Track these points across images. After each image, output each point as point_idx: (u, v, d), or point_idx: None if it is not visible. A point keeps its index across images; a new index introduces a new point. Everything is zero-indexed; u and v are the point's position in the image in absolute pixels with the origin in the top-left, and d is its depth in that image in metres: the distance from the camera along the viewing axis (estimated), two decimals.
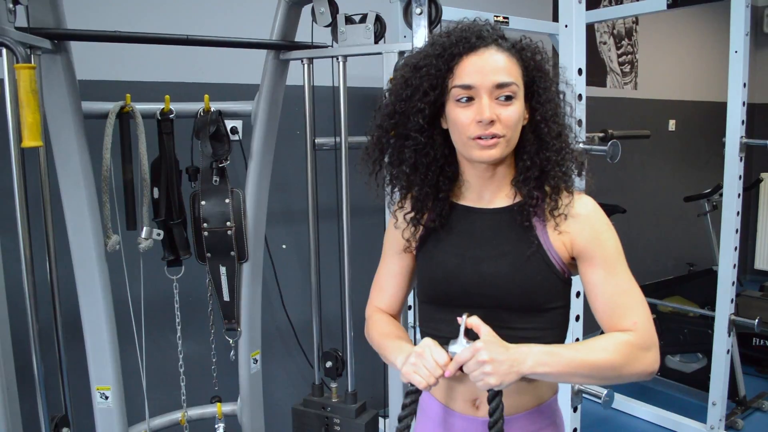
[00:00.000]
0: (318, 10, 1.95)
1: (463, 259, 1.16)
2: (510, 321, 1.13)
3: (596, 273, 1.11)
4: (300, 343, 2.69)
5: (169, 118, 1.94)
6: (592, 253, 1.11)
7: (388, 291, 1.32)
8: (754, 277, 5.19)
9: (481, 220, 1.18)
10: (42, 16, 1.59)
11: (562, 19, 1.96)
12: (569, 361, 1.05)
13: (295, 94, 2.10)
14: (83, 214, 1.76)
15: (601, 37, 4.17)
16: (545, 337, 1.15)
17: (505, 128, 1.08)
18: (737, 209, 2.69)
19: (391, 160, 1.20)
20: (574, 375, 1.07)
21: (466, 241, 1.18)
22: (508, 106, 1.08)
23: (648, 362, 1.08)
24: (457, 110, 1.10)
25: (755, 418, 3.17)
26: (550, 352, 1.05)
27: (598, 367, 1.05)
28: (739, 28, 2.60)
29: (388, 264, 1.31)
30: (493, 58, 1.08)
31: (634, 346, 1.07)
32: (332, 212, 2.13)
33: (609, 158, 1.85)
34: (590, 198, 1.16)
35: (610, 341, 1.07)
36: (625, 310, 1.10)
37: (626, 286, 1.11)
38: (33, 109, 1.28)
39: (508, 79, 1.07)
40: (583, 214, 1.12)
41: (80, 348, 1.85)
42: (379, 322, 1.30)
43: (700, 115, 4.92)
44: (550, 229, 1.13)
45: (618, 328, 1.10)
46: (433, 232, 1.21)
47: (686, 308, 3.48)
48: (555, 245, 1.12)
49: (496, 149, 1.08)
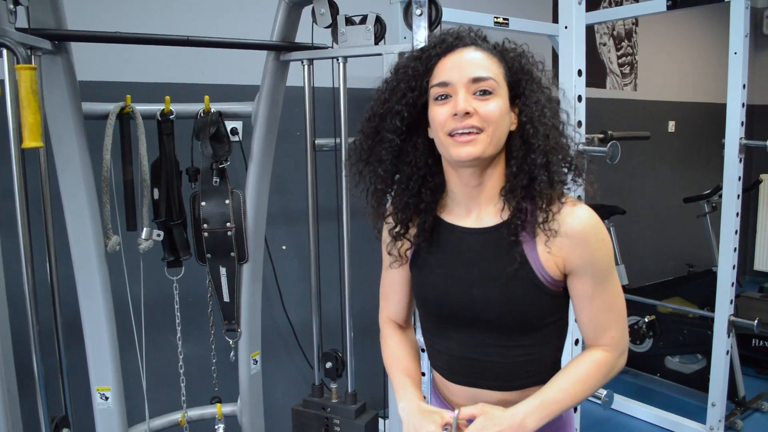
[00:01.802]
0: (318, 11, 1.95)
1: (452, 281, 1.15)
2: (504, 340, 1.13)
3: (585, 288, 1.11)
4: (300, 344, 2.69)
5: (170, 119, 1.94)
6: (585, 270, 1.10)
7: (393, 300, 1.33)
8: (754, 278, 5.19)
9: (468, 240, 1.15)
10: (42, 16, 1.59)
11: (562, 20, 1.96)
12: (561, 406, 1.10)
13: (295, 95, 2.10)
14: (83, 215, 1.76)
15: (601, 38, 4.17)
16: (542, 351, 1.16)
17: (483, 121, 1.05)
18: (737, 210, 2.69)
19: (369, 161, 1.18)
20: (563, 410, 1.12)
21: (454, 263, 1.16)
22: (486, 100, 1.05)
23: (618, 369, 1.16)
24: (435, 108, 1.09)
25: (755, 418, 3.17)
26: (543, 405, 1.08)
27: (585, 396, 1.13)
28: (738, 30, 2.61)
29: (390, 273, 1.31)
30: (470, 55, 1.08)
31: (609, 364, 1.14)
32: (332, 213, 2.13)
33: (608, 159, 1.86)
34: (585, 208, 1.10)
35: (591, 368, 1.13)
36: (606, 325, 1.14)
37: (611, 301, 1.13)
38: (33, 109, 1.28)
39: (485, 73, 1.06)
40: (577, 231, 1.07)
41: (80, 348, 1.85)
42: (390, 341, 1.32)
43: (699, 117, 4.92)
44: (540, 246, 1.08)
45: (597, 342, 1.15)
46: (421, 248, 1.20)
47: (686, 309, 3.48)
48: (545, 264, 1.09)
49: (473, 146, 1.04)
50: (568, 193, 1.12)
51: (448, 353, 1.19)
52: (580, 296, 1.12)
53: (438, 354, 1.22)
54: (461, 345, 1.16)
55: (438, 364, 1.24)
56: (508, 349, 1.13)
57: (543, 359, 1.16)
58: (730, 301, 2.74)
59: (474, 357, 1.15)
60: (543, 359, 1.16)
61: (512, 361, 1.13)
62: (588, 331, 1.16)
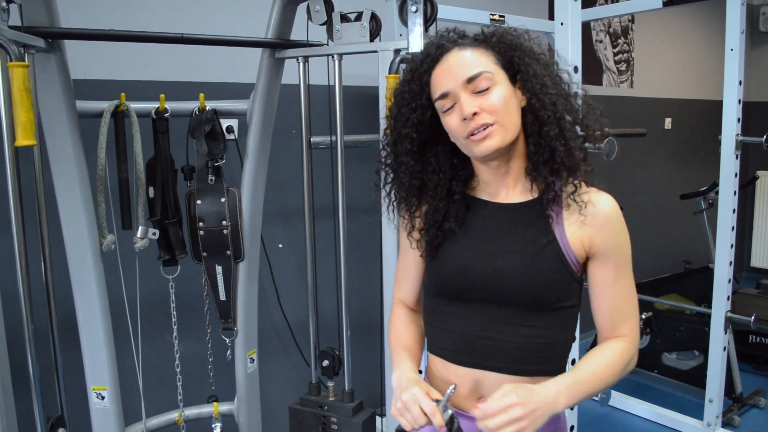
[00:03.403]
0: (313, 9, 1.95)
1: (477, 252, 1.16)
2: (521, 318, 1.13)
3: (607, 274, 1.14)
4: (297, 342, 2.69)
5: (165, 117, 1.93)
6: (608, 254, 1.13)
7: (407, 283, 1.34)
8: (751, 275, 5.21)
9: (497, 214, 1.18)
10: (36, 14, 1.58)
11: (558, 17, 1.96)
12: (589, 390, 1.10)
13: (291, 93, 2.10)
14: (78, 214, 1.75)
15: (597, 35, 4.17)
16: (556, 336, 1.16)
17: (491, 114, 1.07)
18: (733, 207, 2.70)
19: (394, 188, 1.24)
20: (588, 396, 1.12)
21: (481, 236, 1.18)
22: (487, 94, 1.08)
23: (633, 364, 1.17)
24: (446, 119, 1.13)
25: (752, 414, 3.18)
26: (575, 384, 1.08)
27: (608, 384, 1.13)
28: (734, 26, 2.61)
29: (406, 256, 1.32)
30: (456, 58, 1.11)
31: (630, 354, 1.16)
32: (328, 211, 2.13)
33: (605, 156, 1.86)
34: (611, 197, 1.14)
35: (615, 356, 1.14)
36: (624, 315, 1.16)
37: (629, 291, 1.17)
38: (26, 107, 1.28)
39: (477, 69, 1.08)
40: (606, 212, 1.12)
41: (76, 348, 1.85)
42: (396, 320, 1.33)
43: (696, 113, 4.92)
44: (568, 223, 1.12)
45: (615, 333, 1.17)
46: (449, 233, 1.21)
47: (683, 306, 3.49)
48: (572, 242, 1.12)
49: (491, 139, 1.08)
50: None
51: (458, 331, 1.18)
52: (602, 283, 1.15)
53: (445, 334, 1.20)
54: (474, 322, 1.16)
55: (443, 345, 1.22)
56: (522, 328, 1.13)
57: (555, 345, 1.16)
58: (726, 298, 2.75)
59: (486, 335, 1.15)
60: (555, 345, 1.16)
61: (525, 342, 1.13)
62: (606, 321, 1.17)
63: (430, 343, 1.26)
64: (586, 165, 1.12)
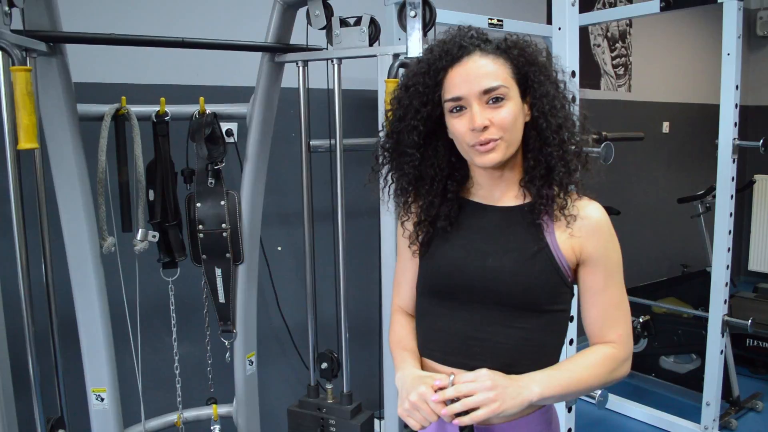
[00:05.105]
0: (313, 13, 1.96)
1: (469, 252, 1.17)
2: (510, 319, 1.14)
3: (596, 281, 1.15)
4: (295, 345, 2.69)
5: (165, 121, 1.94)
6: (597, 261, 1.14)
7: (404, 288, 1.34)
8: (748, 278, 5.21)
9: (490, 215, 1.19)
10: (37, 18, 1.59)
11: (556, 21, 1.97)
12: (566, 385, 1.10)
13: (290, 97, 2.10)
14: (79, 216, 1.76)
15: (595, 39, 4.19)
16: (544, 339, 1.16)
17: (500, 130, 1.08)
18: (730, 210, 2.71)
19: (395, 176, 1.24)
20: (568, 396, 1.13)
21: (473, 236, 1.19)
22: (499, 108, 1.08)
23: (623, 372, 1.17)
24: (452, 121, 1.12)
25: (749, 418, 3.18)
26: (550, 377, 1.09)
27: (589, 386, 1.13)
28: (731, 31, 2.62)
29: (403, 263, 1.33)
30: (477, 65, 1.10)
31: (617, 360, 1.15)
32: (327, 214, 2.13)
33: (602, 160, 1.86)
34: (599, 206, 1.16)
35: (599, 358, 1.14)
36: (614, 321, 1.17)
37: (619, 299, 1.17)
38: (29, 111, 1.29)
39: (495, 83, 1.08)
40: (595, 219, 1.14)
41: (76, 350, 1.85)
42: (396, 326, 1.33)
43: (693, 117, 4.94)
44: (558, 231, 1.14)
45: (604, 339, 1.17)
46: (441, 231, 1.22)
47: (680, 309, 3.49)
48: (563, 248, 1.13)
49: (495, 153, 1.09)
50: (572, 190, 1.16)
51: (448, 332, 1.19)
52: (592, 289, 1.16)
53: (435, 335, 1.21)
54: (464, 323, 1.17)
55: (433, 347, 1.22)
56: (511, 330, 1.13)
57: (543, 348, 1.17)
58: (724, 301, 2.75)
59: (475, 335, 1.15)
60: (543, 348, 1.17)
61: (513, 343, 1.14)
62: (595, 327, 1.17)
63: (421, 344, 1.26)
64: (579, 179, 1.14)
